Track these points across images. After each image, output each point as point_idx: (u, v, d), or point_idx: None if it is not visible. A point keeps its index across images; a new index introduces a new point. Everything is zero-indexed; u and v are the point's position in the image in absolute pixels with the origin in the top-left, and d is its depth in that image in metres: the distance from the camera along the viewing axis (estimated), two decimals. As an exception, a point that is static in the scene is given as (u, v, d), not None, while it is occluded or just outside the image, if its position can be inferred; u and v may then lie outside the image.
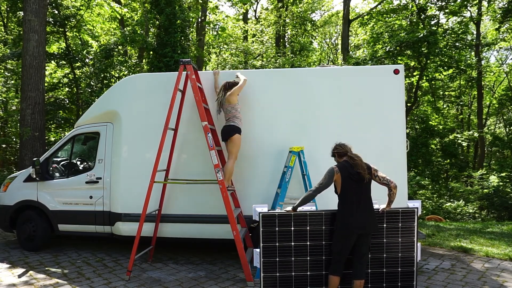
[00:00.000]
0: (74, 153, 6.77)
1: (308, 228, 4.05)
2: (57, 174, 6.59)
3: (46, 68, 12.42)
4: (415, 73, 16.63)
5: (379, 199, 4.23)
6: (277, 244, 4.05)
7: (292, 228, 4.04)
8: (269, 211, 4.13)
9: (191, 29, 17.81)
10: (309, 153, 5.37)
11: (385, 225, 4.13)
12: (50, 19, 13.38)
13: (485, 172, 17.94)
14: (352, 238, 3.76)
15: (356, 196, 3.78)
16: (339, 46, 27.85)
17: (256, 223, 5.78)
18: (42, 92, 10.00)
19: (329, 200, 5.39)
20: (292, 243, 4.05)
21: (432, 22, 15.69)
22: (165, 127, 5.24)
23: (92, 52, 15.28)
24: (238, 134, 5.26)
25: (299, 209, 3.98)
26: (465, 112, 25.52)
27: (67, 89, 15.17)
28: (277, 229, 4.04)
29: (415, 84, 16.90)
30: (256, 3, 26.60)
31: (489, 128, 26.19)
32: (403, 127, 5.47)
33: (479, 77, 19.84)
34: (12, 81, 13.59)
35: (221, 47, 24.45)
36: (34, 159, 6.44)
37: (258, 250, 4.06)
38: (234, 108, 5.26)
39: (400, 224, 4.16)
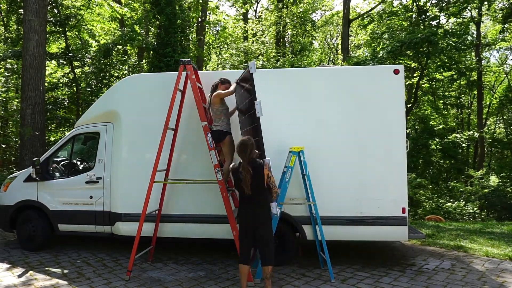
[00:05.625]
0: (74, 153, 6.77)
1: None
2: (57, 174, 6.59)
3: (46, 68, 12.42)
4: (415, 74, 16.64)
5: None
6: None
7: None
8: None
9: (191, 29, 17.82)
10: (309, 153, 5.36)
11: None
12: (51, 19, 13.38)
13: (485, 172, 17.95)
14: (246, 230, 4.25)
15: (242, 196, 4.26)
16: (340, 46, 27.83)
17: None
18: (42, 92, 10.01)
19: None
20: None
21: (433, 23, 15.68)
22: (165, 127, 5.24)
23: (91, 51, 15.28)
24: (229, 135, 5.27)
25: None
26: (465, 112, 25.51)
27: (66, 88, 15.18)
28: None
29: (415, 84, 16.90)
30: (256, 3, 26.61)
31: (489, 128, 26.17)
32: (403, 127, 5.46)
33: (479, 77, 19.85)
34: (12, 81, 13.58)
35: (221, 47, 24.46)
36: (34, 159, 6.45)
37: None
38: (218, 110, 5.24)
39: None
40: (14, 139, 13.95)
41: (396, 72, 5.45)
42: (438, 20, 15.82)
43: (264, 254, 4.27)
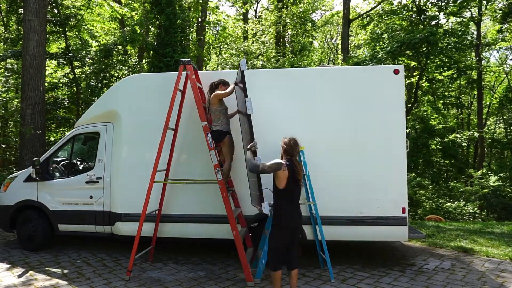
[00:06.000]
0: (74, 153, 6.77)
1: None
2: (57, 174, 6.59)
3: (46, 68, 12.42)
4: (415, 73, 16.65)
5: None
6: None
7: None
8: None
9: (191, 29, 17.82)
10: (309, 153, 5.37)
11: None
12: (51, 19, 13.38)
13: (485, 172, 17.95)
14: (289, 233, 4.08)
15: (293, 195, 4.12)
16: (340, 46, 27.84)
17: (256, 223, 5.79)
18: (42, 92, 10.01)
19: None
20: None
21: (433, 23, 15.70)
22: (165, 127, 5.24)
23: (91, 52, 15.29)
24: (229, 135, 5.28)
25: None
26: (465, 112, 25.52)
27: (66, 88, 15.18)
28: None
29: (415, 84, 16.90)
30: (256, 2, 26.61)
31: (489, 128, 26.17)
32: (403, 127, 5.46)
33: (479, 77, 19.85)
34: (12, 81, 13.58)
35: (221, 47, 24.47)
36: (34, 159, 6.44)
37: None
38: (217, 110, 5.24)
39: None
40: (14, 139, 13.95)
41: (396, 72, 5.45)
42: (437, 20, 15.83)
43: (295, 257, 4.20)
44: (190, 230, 5.81)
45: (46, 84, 11.85)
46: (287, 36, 23.11)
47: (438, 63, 15.07)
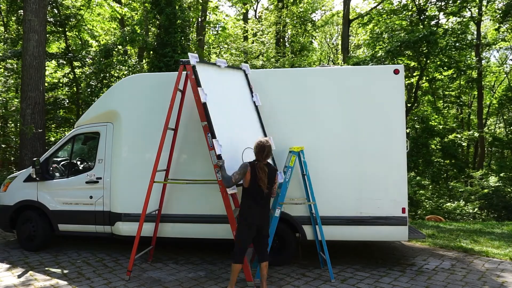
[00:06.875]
0: (74, 153, 6.77)
1: None
2: (57, 174, 6.59)
3: (46, 68, 12.42)
4: (415, 73, 16.66)
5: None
6: None
7: None
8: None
9: (191, 29, 17.82)
10: (309, 153, 5.37)
11: None
12: (50, 19, 13.38)
13: (485, 172, 17.95)
14: (254, 229, 4.35)
15: (257, 195, 4.33)
16: (339, 46, 27.85)
17: None
18: (42, 92, 10.00)
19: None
20: None
21: (432, 22, 15.71)
22: (165, 127, 5.24)
23: (91, 52, 15.29)
24: None
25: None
26: (465, 112, 25.52)
27: (67, 89, 15.18)
28: None
29: (415, 84, 16.91)
30: (256, 3, 26.62)
31: (489, 128, 26.17)
32: (403, 127, 5.46)
33: (479, 77, 19.86)
34: (12, 81, 13.58)
35: (221, 47, 24.47)
36: (34, 159, 6.44)
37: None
38: None
39: None
40: (14, 139, 13.95)
41: (396, 72, 5.45)
42: (437, 20, 15.83)
43: (264, 251, 4.53)
44: (190, 230, 5.81)
45: (46, 84, 11.85)
46: (287, 36, 23.11)
47: (438, 63, 15.08)
